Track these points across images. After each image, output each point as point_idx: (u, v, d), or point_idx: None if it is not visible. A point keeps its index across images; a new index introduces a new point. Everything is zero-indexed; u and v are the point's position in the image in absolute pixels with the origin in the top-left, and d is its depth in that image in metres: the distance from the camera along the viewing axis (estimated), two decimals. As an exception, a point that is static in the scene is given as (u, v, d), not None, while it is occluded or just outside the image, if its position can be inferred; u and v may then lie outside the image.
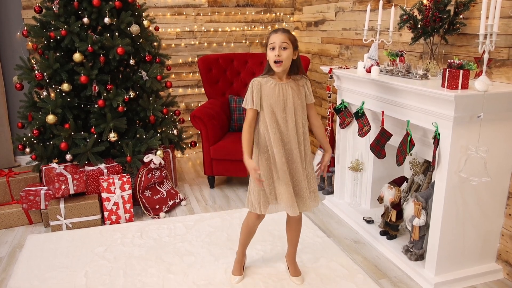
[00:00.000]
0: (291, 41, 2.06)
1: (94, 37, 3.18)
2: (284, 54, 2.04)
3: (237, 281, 2.44)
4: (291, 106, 2.12)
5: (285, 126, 2.13)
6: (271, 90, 2.11)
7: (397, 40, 3.21)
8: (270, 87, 2.11)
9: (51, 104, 3.15)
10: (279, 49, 2.03)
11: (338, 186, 3.42)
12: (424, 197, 2.48)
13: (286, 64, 2.08)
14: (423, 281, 2.42)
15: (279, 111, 2.12)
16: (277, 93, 2.11)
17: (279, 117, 2.12)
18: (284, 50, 2.04)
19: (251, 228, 2.37)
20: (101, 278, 2.50)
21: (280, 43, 2.03)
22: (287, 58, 2.06)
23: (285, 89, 2.12)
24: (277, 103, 2.11)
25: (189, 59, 4.72)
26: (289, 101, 2.12)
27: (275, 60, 2.04)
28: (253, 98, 2.11)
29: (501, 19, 2.26)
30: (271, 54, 2.05)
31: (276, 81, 2.12)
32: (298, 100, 2.15)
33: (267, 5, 4.88)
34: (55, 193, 3.04)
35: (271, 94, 2.11)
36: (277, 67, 2.06)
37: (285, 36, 2.05)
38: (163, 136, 3.57)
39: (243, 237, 2.43)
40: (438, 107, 2.22)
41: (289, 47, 2.05)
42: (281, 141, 2.13)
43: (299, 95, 2.15)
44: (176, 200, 3.49)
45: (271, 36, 2.06)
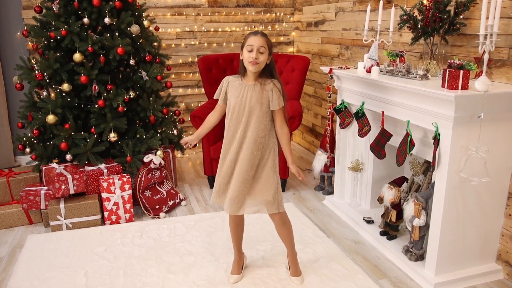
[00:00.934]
0: (268, 46, 2.11)
1: (94, 37, 3.18)
2: (260, 57, 2.09)
3: (234, 281, 2.44)
4: (247, 108, 2.15)
5: (237, 126, 2.18)
6: (235, 89, 2.18)
7: (397, 41, 3.21)
8: (235, 86, 2.19)
9: (51, 104, 3.15)
10: (256, 52, 2.07)
11: (338, 186, 3.42)
12: (424, 197, 2.49)
13: (260, 67, 2.13)
14: (423, 281, 2.42)
15: (236, 111, 2.17)
16: (237, 93, 2.17)
17: (234, 116, 2.17)
18: (261, 54, 2.09)
19: (231, 224, 2.42)
20: (101, 278, 2.51)
21: (258, 47, 2.07)
22: (263, 62, 2.11)
23: (247, 90, 2.15)
24: (236, 103, 2.16)
25: (189, 59, 4.72)
26: (246, 102, 2.15)
27: (251, 61, 2.08)
28: (220, 92, 2.25)
29: (501, 19, 2.26)
30: (248, 55, 2.09)
31: (242, 82, 2.18)
32: (257, 103, 2.14)
33: (267, 5, 4.88)
34: (55, 193, 3.04)
35: (234, 93, 2.18)
36: (251, 66, 2.09)
37: (263, 40, 2.09)
38: (163, 136, 3.57)
39: (231, 234, 2.47)
40: (438, 107, 2.22)
41: (266, 51, 2.10)
42: (232, 139, 2.19)
43: (260, 99, 2.14)
44: (176, 200, 3.49)
45: (250, 37, 2.10)
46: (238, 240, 2.47)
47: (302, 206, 3.49)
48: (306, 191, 3.80)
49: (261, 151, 2.19)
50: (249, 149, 2.16)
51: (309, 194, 3.72)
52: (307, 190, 3.82)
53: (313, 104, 4.76)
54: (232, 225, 2.42)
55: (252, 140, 2.16)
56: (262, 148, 2.19)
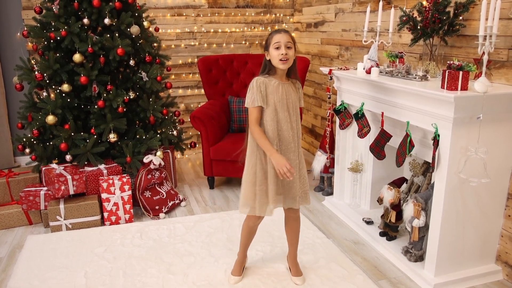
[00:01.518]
0: (293, 42, 2.12)
1: (94, 38, 3.18)
2: (289, 52, 2.09)
3: (234, 282, 2.44)
4: (292, 106, 2.17)
5: (287, 125, 2.16)
6: (275, 89, 2.14)
7: (396, 41, 3.21)
8: (274, 85, 2.14)
9: (51, 104, 3.15)
10: (285, 48, 2.07)
11: (337, 187, 3.42)
12: (424, 198, 2.49)
13: (291, 63, 2.12)
14: (422, 282, 2.43)
15: (282, 110, 2.14)
16: (280, 92, 2.14)
17: (281, 116, 2.15)
18: (289, 49, 2.09)
19: (251, 228, 2.38)
20: (101, 278, 2.51)
21: (286, 42, 2.07)
22: (292, 57, 2.11)
23: (287, 89, 2.17)
24: (281, 102, 2.14)
25: (189, 60, 4.72)
26: (290, 101, 2.16)
27: (282, 58, 2.07)
28: (260, 96, 2.10)
29: (500, 20, 2.27)
30: (277, 53, 2.07)
31: (278, 81, 2.15)
32: (296, 100, 2.21)
33: (267, 6, 4.88)
34: (55, 193, 3.04)
35: (275, 92, 2.13)
36: (282, 64, 2.08)
37: (288, 36, 2.10)
38: (163, 136, 3.57)
39: (243, 238, 2.43)
40: (437, 108, 2.23)
41: (293, 46, 2.11)
42: (283, 139, 2.17)
43: (297, 96, 2.22)
44: (176, 201, 3.49)
45: (274, 35, 2.09)
46: (250, 243, 2.48)
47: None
48: (305, 191, 3.80)
49: (300, 146, 2.28)
50: (298, 145, 2.24)
51: (308, 195, 3.72)
52: (306, 190, 3.82)
53: (312, 105, 4.77)
54: (253, 229, 2.39)
55: (298, 136, 2.23)
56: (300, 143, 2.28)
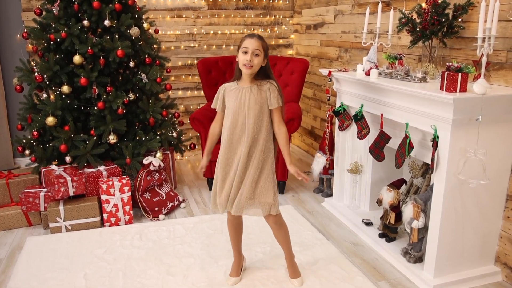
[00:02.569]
0: (263, 49, 2.12)
1: (94, 40, 3.19)
2: (255, 60, 2.10)
3: (232, 283, 2.45)
4: (246, 110, 2.15)
5: (235, 129, 2.18)
6: (232, 94, 2.19)
7: (396, 43, 3.22)
8: (232, 90, 2.19)
9: (51, 106, 3.16)
10: (251, 54, 2.08)
11: (337, 189, 3.42)
12: (423, 200, 2.49)
13: (255, 69, 2.13)
14: (422, 283, 2.43)
15: (234, 115, 2.17)
16: (235, 97, 2.17)
17: (233, 120, 2.18)
18: (256, 56, 2.10)
19: (229, 226, 2.43)
20: (100, 279, 2.51)
21: (253, 49, 2.08)
22: (257, 64, 2.12)
23: (244, 93, 2.16)
24: (234, 107, 2.17)
25: (188, 61, 4.73)
26: (245, 105, 2.15)
27: (245, 64, 2.09)
28: (218, 100, 2.25)
29: (499, 22, 2.27)
30: (243, 57, 2.10)
31: (238, 86, 2.19)
32: (256, 104, 2.15)
33: (267, 8, 4.89)
34: (54, 195, 3.04)
35: (231, 97, 2.19)
36: (246, 69, 2.11)
37: (259, 43, 2.10)
38: (163, 138, 3.57)
39: (229, 235, 2.48)
40: (436, 109, 2.23)
41: (261, 54, 2.11)
42: (230, 143, 2.20)
43: (259, 100, 2.15)
44: (176, 202, 3.49)
45: (245, 40, 2.11)
46: (237, 242, 2.48)
47: (301, 208, 3.50)
48: (305, 193, 3.80)
49: (263, 152, 2.19)
50: (254, 151, 2.18)
51: (308, 196, 3.73)
52: (306, 192, 3.83)
53: (312, 107, 4.77)
54: (230, 228, 2.42)
55: (255, 142, 2.17)
56: (264, 149, 2.19)
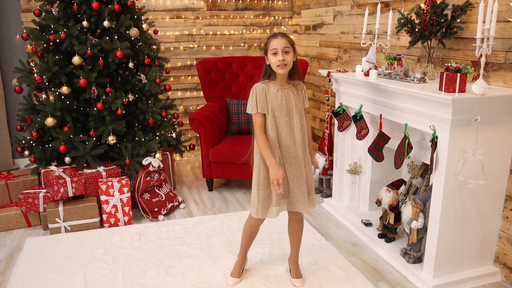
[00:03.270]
0: (291, 45, 2.10)
1: (94, 40, 3.19)
2: (287, 57, 2.08)
3: (232, 283, 2.45)
4: (294, 110, 2.16)
5: (288, 130, 2.16)
6: (274, 95, 2.14)
7: (395, 44, 3.22)
8: (273, 91, 2.14)
9: (50, 107, 3.16)
10: (282, 53, 2.06)
11: (336, 189, 3.42)
12: (422, 200, 2.50)
13: (289, 67, 2.11)
14: (421, 284, 2.43)
15: (282, 116, 2.14)
16: (280, 98, 2.14)
17: (282, 121, 2.15)
18: (287, 54, 2.08)
19: (252, 229, 2.39)
20: (99, 280, 2.51)
21: (283, 48, 2.06)
22: (290, 61, 2.10)
23: (287, 93, 2.15)
24: (280, 108, 2.14)
25: (188, 62, 4.73)
26: (291, 105, 2.15)
27: (279, 64, 2.06)
28: (260, 102, 2.12)
29: (498, 23, 2.28)
30: (275, 59, 2.07)
31: (277, 86, 2.15)
32: (299, 104, 2.18)
33: (266, 9, 4.90)
34: (54, 195, 3.04)
35: (274, 98, 2.13)
36: (281, 69, 2.08)
37: (285, 40, 2.08)
38: (162, 139, 3.57)
39: (244, 239, 2.44)
40: (435, 110, 2.24)
41: (291, 50, 2.09)
42: (283, 145, 2.16)
43: (299, 99, 2.19)
44: (175, 203, 3.49)
45: (271, 41, 2.08)
46: (250, 245, 2.48)
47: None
48: (304, 193, 3.80)
49: (306, 149, 2.23)
50: (304, 148, 2.20)
51: (307, 197, 3.73)
52: (305, 192, 3.82)
53: (311, 107, 4.78)
54: (252, 232, 2.40)
55: (303, 140, 2.20)
56: (306, 146, 2.23)
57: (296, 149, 2.18)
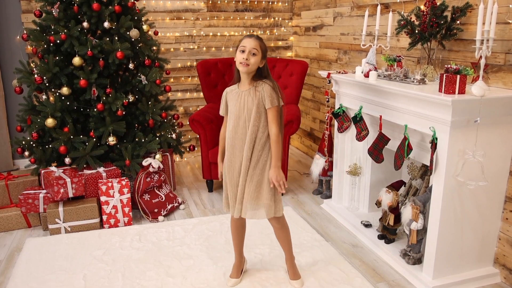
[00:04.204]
0: (261, 49, 2.13)
1: (94, 41, 3.20)
2: (252, 59, 2.11)
3: (231, 284, 2.45)
4: (245, 113, 2.17)
5: (237, 132, 2.20)
6: (233, 97, 2.21)
7: (394, 45, 3.23)
8: (233, 94, 2.22)
9: (51, 107, 3.16)
10: (248, 53, 2.10)
11: (336, 190, 3.43)
12: (422, 201, 2.50)
13: (251, 69, 2.13)
14: (421, 285, 2.43)
15: (235, 118, 2.20)
16: (235, 100, 2.20)
17: (234, 123, 2.20)
18: (253, 56, 2.11)
19: (231, 227, 2.44)
20: (99, 281, 2.51)
21: (251, 48, 2.10)
22: (254, 64, 2.12)
23: (244, 96, 2.18)
24: (234, 110, 2.20)
25: (188, 63, 4.74)
26: (245, 108, 2.17)
27: (241, 62, 2.11)
28: (223, 104, 2.28)
29: (497, 24, 2.29)
30: (240, 56, 2.12)
31: (238, 89, 2.21)
32: (254, 106, 2.15)
33: (266, 10, 4.90)
34: (54, 196, 3.04)
35: (233, 101, 2.21)
36: (242, 67, 2.12)
37: (257, 42, 2.12)
38: (162, 140, 3.58)
39: (232, 237, 2.49)
40: (435, 111, 2.24)
41: (258, 54, 2.12)
42: (233, 146, 2.22)
43: (255, 102, 2.15)
44: (175, 204, 3.49)
45: (244, 39, 2.13)
46: (239, 243, 2.48)
47: (300, 210, 3.50)
48: (304, 195, 3.81)
49: (264, 154, 2.20)
50: (255, 153, 2.19)
51: (307, 198, 3.73)
52: (305, 194, 3.83)
53: (311, 109, 4.78)
54: (233, 229, 2.44)
55: (256, 144, 2.19)
56: (263, 150, 2.20)
57: (242, 154, 2.20)
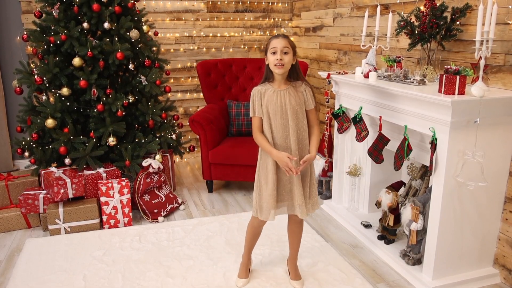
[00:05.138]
0: (291, 47, 2.12)
1: (94, 42, 3.20)
2: (285, 58, 2.09)
3: (241, 284, 2.45)
4: (290, 112, 2.15)
5: (283, 132, 2.17)
6: (270, 97, 2.16)
7: (394, 46, 3.23)
8: (269, 94, 2.16)
9: (51, 108, 3.16)
10: (280, 53, 2.08)
11: (336, 191, 3.43)
12: (422, 202, 2.50)
13: (287, 68, 2.12)
14: (420, 285, 2.44)
15: (278, 118, 2.15)
16: (275, 100, 2.15)
17: (277, 123, 2.16)
18: (285, 54, 2.09)
19: (255, 229, 2.40)
20: (99, 281, 2.51)
21: (282, 48, 2.08)
22: (288, 62, 2.11)
23: (283, 95, 2.16)
24: (276, 110, 2.15)
25: (188, 64, 4.74)
26: (287, 107, 2.15)
27: (276, 64, 2.08)
28: (256, 106, 2.19)
29: (497, 25, 2.29)
30: (273, 58, 2.09)
31: (275, 88, 2.17)
32: (297, 106, 2.17)
33: (266, 11, 4.91)
34: (54, 197, 3.04)
35: (270, 101, 2.16)
36: (278, 69, 2.10)
37: (286, 41, 2.10)
38: (162, 140, 3.58)
39: (248, 240, 2.46)
40: (435, 112, 2.24)
41: (290, 52, 2.11)
42: (278, 147, 2.18)
43: (298, 101, 2.17)
44: (175, 204, 3.50)
45: (272, 41, 2.11)
46: (253, 245, 2.49)
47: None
48: (304, 195, 3.80)
49: (304, 150, 2.22)
50: (301, 150, 2.19)
51: (307, 199, 3.73)
52: (305, 194, 3.83)
53: (311, 109, 4.77)
54: (255, 232, 2.42)
55: (300, 143, 2.19)
56: (305, 147, 2.22)
57: (291, 151, 2.18)
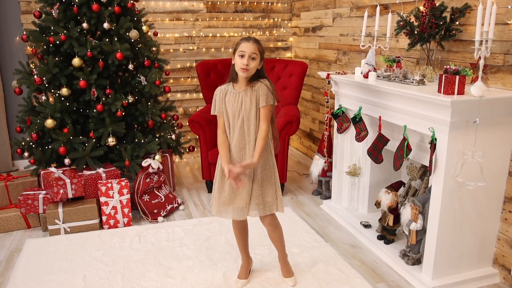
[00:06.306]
0: (260, 52, 2.14)
1: (93, 42, 3.20)
2: (251, 64, 2.11)
3: (239, 285, 2.46)
4: (244, 113, 2.17)
5: (240, 133, 2.19)
6: (229, 98, 2.20)
7: (394, 46, 3.24)
8: (230, 94, 2.20)
9: (50, 108, 3.16)
10: (248, 58, 2.10)
11: (335, 191, 3.43)
12: (421, 202, 2.50)
13: (251, 73, 2.14)
14: (420, 285, 2.44)
15: (234, 118, 2.19)
16: (233, 101, 2.18)
17: (234, 124, 2.20)
18: (253, 60, 2.11)
19: (235, 230, 2.44)
20: (99, 282, 2.51)
21: (250, 53, 2.10)
22: (254, 68, 2.13)
23: (241, 97, 2.17)
24: (234, 110, 2.18)
25: (187, 64, 4.74)
26: (243, 108, 2.17)
27: (242, 67, 2.10)
28: (217, 105, 2.23)
29: (496, 25, 2.29)
30: (240, 61, 2.11)
31: (235, 90, 2.20)
32: (252, 107, 2.16)
33: (265, 11, 4.91)
34: (53, 197, 3.04)
35: (229, 101, 2.20)
36: (242, 72, 2.12)
37: (255, 46, 2.11)
38: (162, 140, 3.58)
39: (237, 241, 2.49)
40: (434, 112, 2.24)
41: (257, 57, 2.13)
42: (233, 147, 2.21)
43: (253, 102, 2.16)
44: (174, 205, 3.50)
45: (242, 43, 2.12)
46: (244, 244, 2.49)
47: (300, 210, 3.50)
48: (303, 195, 3.81)
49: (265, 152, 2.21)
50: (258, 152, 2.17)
51: (306, 199, 3.74)
52: (304, 194, 3.83)
53: (310, 109, 4.78)
54: (237, 231, 2.43)
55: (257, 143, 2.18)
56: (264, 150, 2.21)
57: (245, 152, 2.20)
